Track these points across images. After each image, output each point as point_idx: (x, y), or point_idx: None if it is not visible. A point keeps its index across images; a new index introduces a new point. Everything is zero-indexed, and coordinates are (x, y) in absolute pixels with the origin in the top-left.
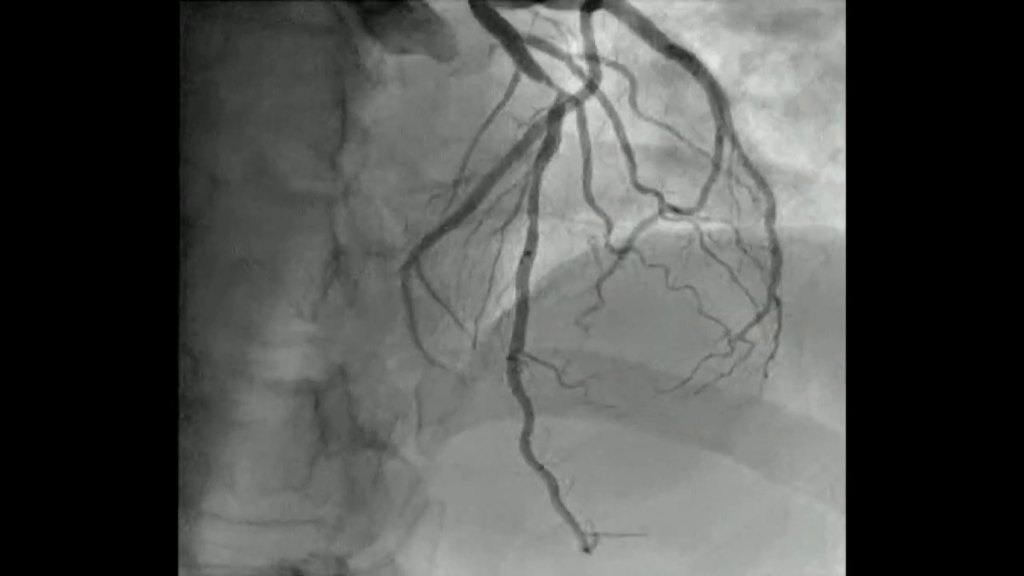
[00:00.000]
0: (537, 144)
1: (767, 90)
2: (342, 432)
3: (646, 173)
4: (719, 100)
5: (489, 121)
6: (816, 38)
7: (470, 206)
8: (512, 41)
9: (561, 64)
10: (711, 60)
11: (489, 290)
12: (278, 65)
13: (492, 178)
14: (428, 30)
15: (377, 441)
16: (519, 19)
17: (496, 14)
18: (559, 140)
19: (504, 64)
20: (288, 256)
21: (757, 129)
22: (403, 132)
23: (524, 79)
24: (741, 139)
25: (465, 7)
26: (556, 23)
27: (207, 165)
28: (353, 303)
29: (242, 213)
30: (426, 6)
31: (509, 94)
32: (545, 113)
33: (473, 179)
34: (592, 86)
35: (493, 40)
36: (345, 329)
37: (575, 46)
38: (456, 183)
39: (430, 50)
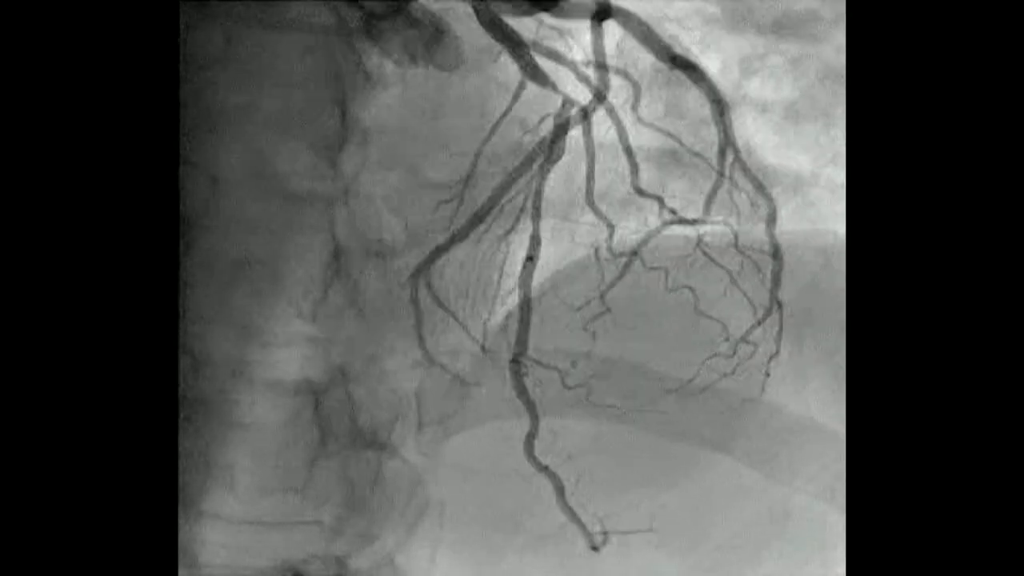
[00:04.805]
0: (542, 150)
1: (767, 93)
2: (341, 433)
3: (648, 176)
4: (719, 105)
5: (496, 127)
6: (816, 41)
7: (478, 218)
8: (517, 48)
9: (565, 70)
10: (711, 63)
11: (495, 294)
12: (279, 66)
13: (501, 189)
14: (431, 39)
15: (377, 442)
16: (524, 26)
17: (502, 21)
18: (564, 148)
19: (508, 68)
20: (288, 256)
21: (757, 133)
22: (404, 133)
23: (529, 84)
24: (741, 143)
25: (470, 13)
26: (560, 31)
27: (208, 166)
28: (354, 303)
29: (243, 213)
30: (431, 14)
31: (516, 99)
32: (551, 121)
33: (477, 181)
34: (600, 96)
35: (497, 45)
36: (345, 330)
37: (579, 53)
38: (462, 185)
39: (433, 60)
